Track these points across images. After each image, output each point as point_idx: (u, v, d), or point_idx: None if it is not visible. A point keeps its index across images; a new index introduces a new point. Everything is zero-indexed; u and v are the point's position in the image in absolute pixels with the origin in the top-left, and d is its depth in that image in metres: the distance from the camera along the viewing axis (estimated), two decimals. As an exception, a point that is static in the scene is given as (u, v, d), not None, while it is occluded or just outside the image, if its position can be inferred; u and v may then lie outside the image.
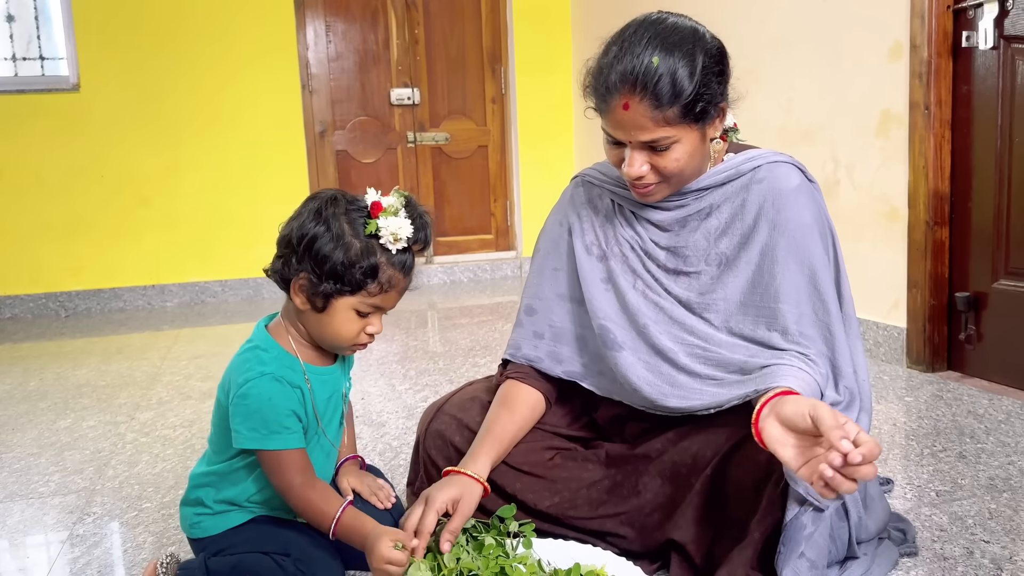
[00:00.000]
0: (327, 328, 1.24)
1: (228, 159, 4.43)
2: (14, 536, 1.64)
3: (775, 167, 1.31)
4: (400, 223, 1.21)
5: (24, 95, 4.15)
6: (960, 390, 2.33)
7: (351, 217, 1.21)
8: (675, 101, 1.17)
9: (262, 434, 1.20)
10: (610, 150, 1.28)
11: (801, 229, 1.27)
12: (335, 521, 1.20)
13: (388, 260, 1.22)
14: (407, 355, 3.05)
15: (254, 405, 1.20)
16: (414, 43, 4.80)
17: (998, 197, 2.33)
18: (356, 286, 1.21)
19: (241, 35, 4.40)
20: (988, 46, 2.30)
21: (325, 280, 1.20)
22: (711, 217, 1.32)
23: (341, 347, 1.28)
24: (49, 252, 4.27)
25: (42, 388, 2.81)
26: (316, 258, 1.19)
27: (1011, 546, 1.40)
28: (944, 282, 2.50)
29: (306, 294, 1.22)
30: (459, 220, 5.04)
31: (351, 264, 1.19)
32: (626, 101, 1.18)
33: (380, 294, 1.23)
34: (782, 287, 1.26)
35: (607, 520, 1.35)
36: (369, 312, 1.24)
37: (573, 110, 5.00)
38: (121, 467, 2.00)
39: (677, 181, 1.28)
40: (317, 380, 1.28)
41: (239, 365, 1.26)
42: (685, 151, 1.22)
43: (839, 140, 2.78)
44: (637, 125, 1.19)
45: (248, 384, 1.21)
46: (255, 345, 1.27)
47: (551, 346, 1.44)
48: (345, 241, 1.19)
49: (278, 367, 1.23)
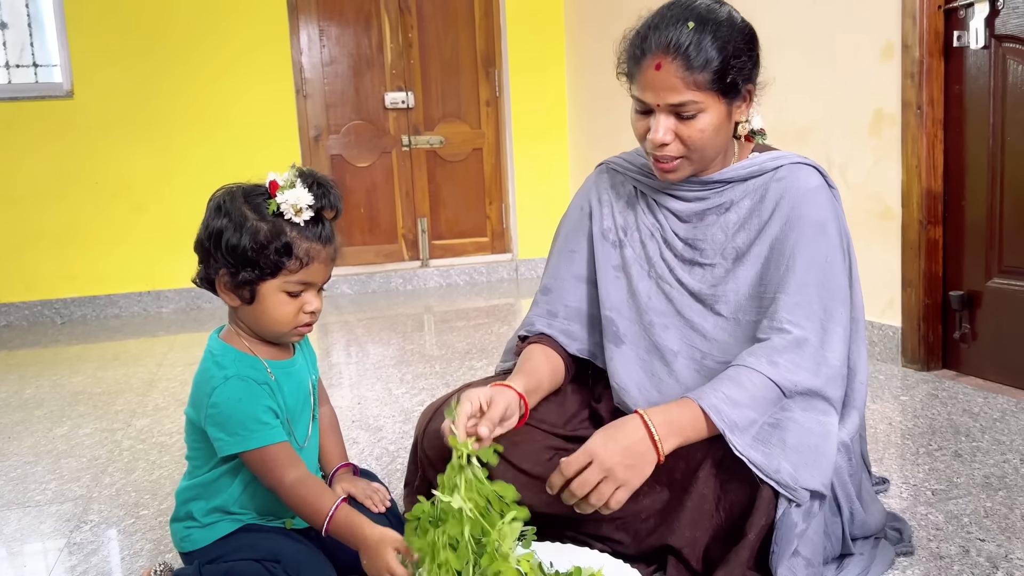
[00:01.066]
0: (263, 317, 1.24)
1: (223, 164, 4.43)
2: (11, 545, 1.64)
3: (797, 168, 1.34)
4: (298, 194, 1.20)
5: (17, 102, 4.15)
6: (955, 388, 2.34)
7: (253, 203, 1.21)
8: (706, 66, 1.22)
9: (242, 436, 1.20)
10: (637, 120, 1.31)
11: (814, 227, 1.28)
12: (328, 518, 1.20)
13: (300, 234, 1.21)
14: (403, 359, 3.05)
15: (227, 410, 1.20)
16: (408, 47, 4.81)
17: (991, 195, 2.34)
18: (274, 267, 1.20)
19: (235, 40, 4.40)
20: (979, 45, 2.31)
21: (243, 269, 1.19)
22: (730, 212, 1.35)
23: (284, 333, 1.27)
24: (44, 259, 4.26)
25: (38, 396, 2.81)
26: (227, 251, 1.19)
27: (1007, 544, 1.41)
28: (938, 281, 2.51)
29: (230, 289, 1.22)
30: (454, 223, 5.04)
31: (262, 247, 1.19)
32: (659, 61, 1.23)
33: (302, 269, 1.22)
34: (785, 279, 1.28)
35: (603, 524, 1.35)
36: (299, 291, 1.23)
37: (567, 112, 5.01)
38: (118, 474, 2.00)
39: (699, 158, 1.30)
40: (281, 373, 1.28)
41: (201, 377, 1.26)
42: (710, 122, 1.26)
43: (832, 140, 2.79)
44: (668, 86, 1.23)
45: (215, 392, 1.21)
46: (210, 353, 1.27)
47: (564, 324, 1.46)
48: (249, 225, 1.19)
49: (240, 367, 1.24)
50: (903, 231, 2.54)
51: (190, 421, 1.29)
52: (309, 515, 1.22)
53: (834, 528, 1.24)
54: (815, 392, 1.24)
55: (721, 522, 1.22)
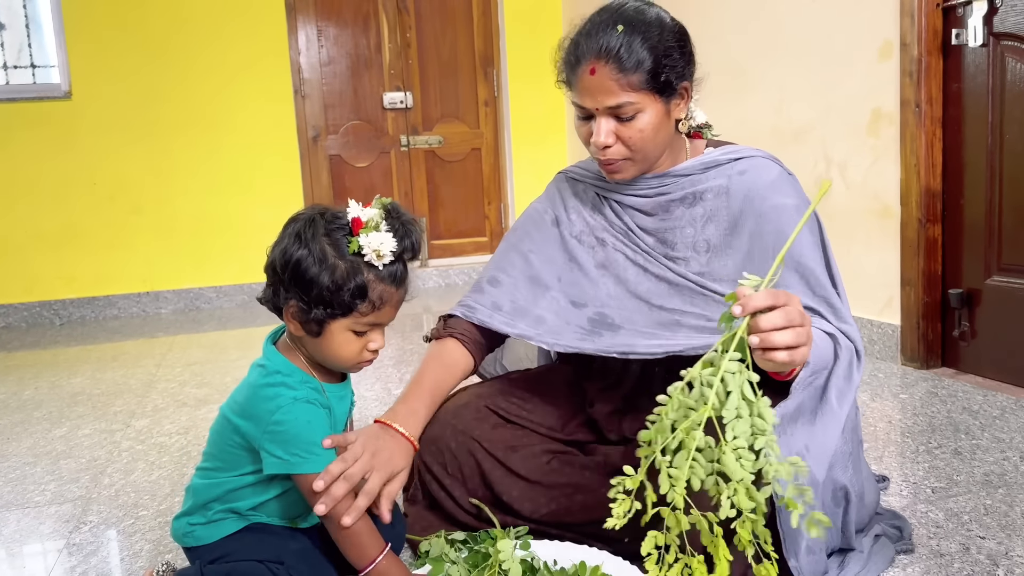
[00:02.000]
0: (327, 351, 1.21)
1: (221, 165, 4.43)
2: (11, 546, 1.64)
3: (754, 160, 1.38)
4: (382, 238, 1.16)
5: (15, 103, 4.14)
6: (954, 386, 2.34)
7: (333, 237, 1.16)
8: (638, 67, 1.27)
9: (302, 459, 1.18)
10: (580, 126, 1.35)
11: (786, 214, 1.31)
12: (372, 564, 1.18)
13: (376, 276, 1.17)
14: (403, 359, 3.05)
15: (293, 430, 1.18)
16: (406, 47, 4.81)
17: (990, 193, 2.34)
18: (347, 308, 1.17)
19: (233, 41, 4.40)
20: (978, 43, 2.31)
21: (315, 307, 1.16)
22: (696, 206, 1.38)
23: (345, 367, 1.25)
24: (42, 260, 4.26)
25: (37, 397, 2.81)
26: (302, 284, 1.15)
27: (1007, 542, 1.41)
28: (937, 279, 2.51)
29: (299, 321, 1.19)
30: (453, 223, 5.04)
31: (338, 288, 1.15)
32: (593, 66, 1.28)
33: (373, 312, 1.19)
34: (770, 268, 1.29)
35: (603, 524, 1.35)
36: (367, 330, 1.21)
37: (566, 112, 5.01)
38: (117, 475, 2.00)
39: (642, 158, 1.34)
40: (333, 398, 1.26)
41: (264, 392, 1.21)
42: (649, 122, 1.30)
43: (831, 139, 2.79)
44: (604, 89, 1.27)
45: (282, 411, 1.18)
46: (275, 370, 1.23)
47: (507, 319, 1.45)
48: (329, 263, 1.15)
49: (307, 390, 1.21)
50: (902, 230, 2.54)
51: (231, 425, 1.24)
52: (352, 552, 1.20)
53: (834, 518, 1.24)
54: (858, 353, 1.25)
55: None
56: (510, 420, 1.45)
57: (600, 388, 1.48)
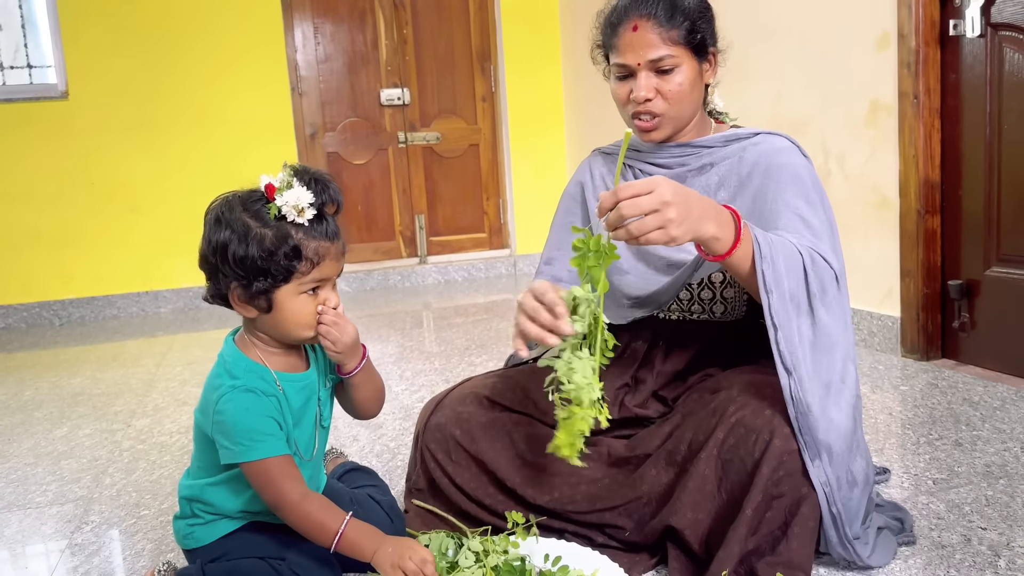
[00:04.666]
0: (284, 323, 1.22)
1: (218, 163, 4.42)
2: (13, 546, 1.64)
3: (772, 136, 1.43)
4: (297, 194, 1.17)
5: (12, 104, 4.13)
6: (955, 378, 2.34)
7: (253, 210, 1.18)
8: (679, 22, 1.36)
9: (245, 446, 1.19)
10: (619, 87, 1.42)
11: (790, 173, 1.35)
12: (338, 536, 1.19)
13: (306, 234, 1.18)
14: (403, 356, 3.05)
15: (232, 418, 1.19)
16: (403, 43, 4.80)
17: (988, 184, 2.34)
18: (287, 272, 1.18)
19: (229, 38, 4.38)
20: (975, 34, 2.31)
21: (255, 280, 1.17)
22: (710, 174, 1.44)
23: (307, 335, 1.24)
24: (40, 261, 4.25)
25: (37, 397, 2.81)
26: (236, 263, 1.16)
27: (1008, 532, 1.41)
28: (936, 270, 2.51)
29: (245, 301, 1.20)
30: (452, 219, 5.04)
31: (270, 254, 1.16)
32: (636, 23, 1.36)
33: (314, 269, 1.19)
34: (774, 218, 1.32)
35: (605, 513, 1.36)
36: (315, 287, 1.22)
37: (564, 106, 5.00)
38: (118, 475, 2.00)
39: (676, 114, 1.41)
40: (291, 387, 1.26)
41: (211, 383, 1.24)
42: (686, 78, 1.38)
43: (829, 130, 2.79)
44: (646, 43, 1.36)
45: (222, 400, 1.20)
46: (223, 359, 1.25)
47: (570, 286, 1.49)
48: (254, 234, 1.16)
49: (249, 378, 1.22)
50: (901, 221, 2.54)
51: (196, 423, 1.27)
52: (314, 533, 1.20)
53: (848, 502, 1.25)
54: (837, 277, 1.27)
55: (723, 504, 1.23)
56: (514, 409, 1.46)
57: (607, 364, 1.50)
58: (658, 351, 1.50)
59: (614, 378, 1.48)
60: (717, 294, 1.45)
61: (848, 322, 1.28)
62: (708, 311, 1.46)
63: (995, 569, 1.29)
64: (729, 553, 1.18)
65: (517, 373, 1.55)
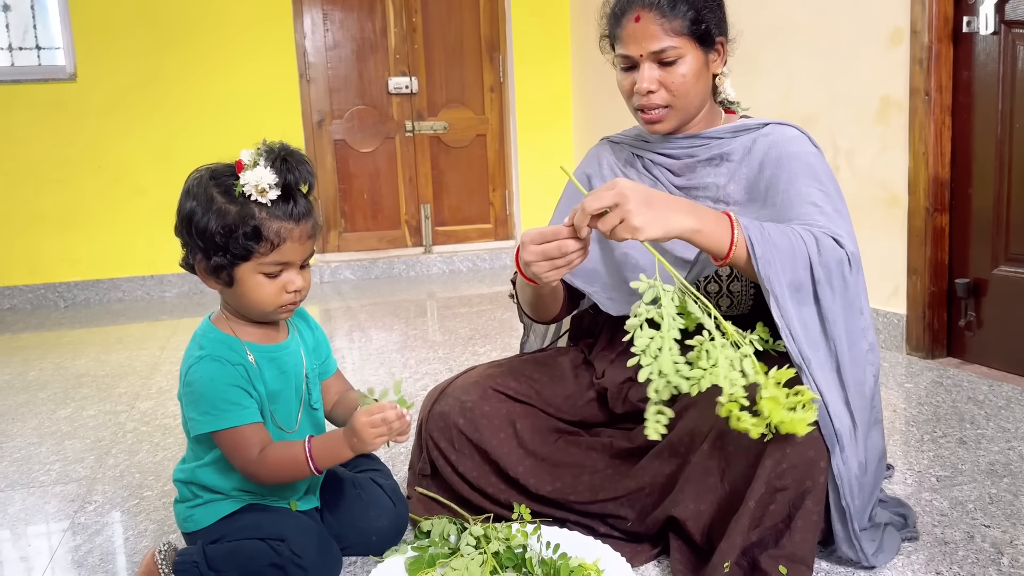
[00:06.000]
0: (243, 300, 1.21)
1: (225, 148, 4.34)
2: (15, 525, 1.64)
3: (782, 127, 1.43)
4: (259, 174, 1.15)
5: (20, 85, 4.13)
6: (960, 376, 2.33)
7: (223, 184, 1.17)
8: (681, 13, 1.33)
9: (213, 416, 1.19)
10: (623, 79, 1.40)
11: (801, 162, 1.35)
12: (308, 455, 1.19)
13: (269, 214, 1.16)
14: (407, 344, 3.05)
15: (197, 388, 1.19)
16: (412, 31, 4.78)
17: (998, 183, 2.32)
18: (245, 251, 1.16)
19: (238, 24, 4.38)
20: (989, 31, 2.29)
21: (214, 254, 1.16)
22: (721, 166, 1.42)
23: (268, 313, 1.23)
24: (47, 243, 4.26)
25: (42, 378, 2.81)
26: (197, 235, 1.17)
27: (1011, 530, 1.41)
28: (944, 268, 2.50)
29: (208, 273, 1.20)
30: (457, 209, 5.03)
31: (230, 231, 1.15)
32: (638, 14, 1.35)
33: (274, 251, 1.17)
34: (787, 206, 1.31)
35: (608, 503, 1.36)
36: (278, 271, 1.19)
37: (571, 98, 4.98)
38: (122, 456, 2.00)
39: (682, 106, 1.39)
40: (264, 357, 1.25)
41: (184, 356, 1.25)
42: (691, 68, 1.36)
43: (838, 126, 2.78)
44: (648, 34, 1.34)
45: (190, 371, 1.20)
46: (195, 335, 1.26)
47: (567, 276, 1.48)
48: (216, 207, 1.16)
49: (215, 348, 1.21)
50: (909, 218, 2.53)
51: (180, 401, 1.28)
52: (288, 471, 1.20)
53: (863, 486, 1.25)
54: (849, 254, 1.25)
55: (725, 494, 1.23)
56: (518, 399, 1.46)
57: (611, 358, 1.50)
58: None
59: (618, 372, 1.48)
60: (723, 287, 1.45)
61: (863, 303, 1.27)
62: (715, 305, 1.45)
63: (998, 567, 1.29)
64: (731, 545, 1.18)
65: (521, 363, 1.55)
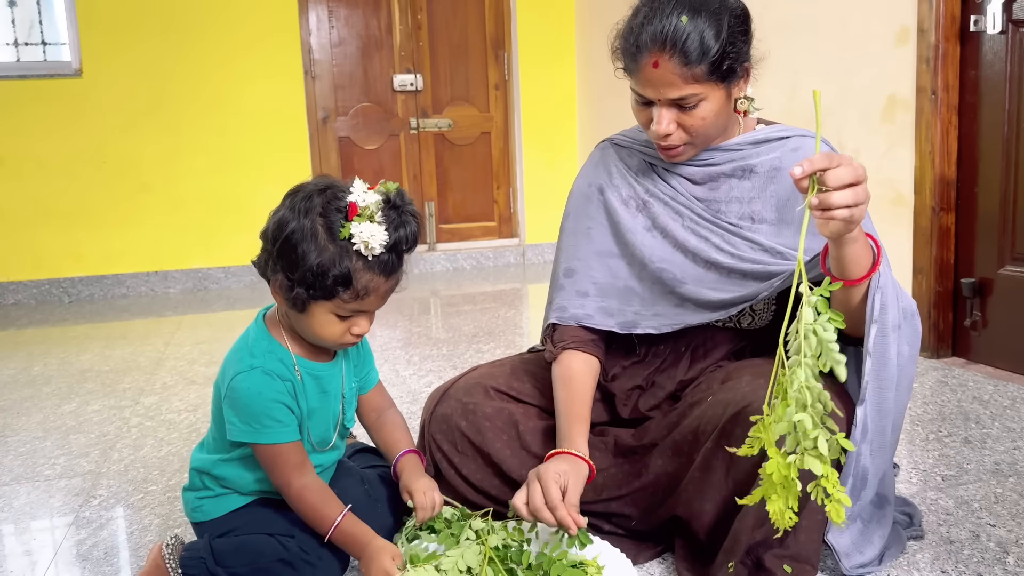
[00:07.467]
0: (308, 328, 1.20)
1: (230, 145, 4.42)
2: (20, 519, 1.65)
3: (806, 139, 1.37)
4: (373, 230, 1.12)
5: (26, 80, 4.14)
6: (965, 376, 2.33)
7: (329, 218, 1.13)
8: (703, 59, 1.22)
9: (254, 428, 1.19)
10: (639, 111, 1.32)
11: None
12: (333, 527, 1.20)
13: (364, 265, 1.14)
14: (410, 341, 3.05)
15: (243, 399, 1.19)
16: (416, 28, 4.78)
17: (1005, 183, 2.32)
18: (329, 293, 1.14)
19: (243, 20, 4.38)
20: (996, 30, 2.29)
21: (298, 286, 1.14)
22: (745, 180, 1.36)
23: (326, 345, 1.24)
24: (51, 238, 4.27)
25: (46, 373, 2.82)
26: (289, 260, 1.14)
27: (1017, 530, 1.40)
28: (949, 268, 2.49)
29: (283, 295, 1.18)
30: (462, 207, 5.03)
31: (323, 272, 1.12)
32: (656, 59, 1.23)
33: (357, 300, 1.16)
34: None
35: (612, 502, 1.36)
36: (350, 315, 1.19)
37: (576, 96, 4.98)
38: (126, 450, 2.00)
39: (702, 141, 1.33)
40: (309, 375, 1.25)
41: (232, 357, 1.24)
42: (711, 109, 1.27)
43: (845, 125, 2.77)
44: (666, 82, 1.24)
45: (238, 377, 1.20)
46: (248, 337, 1.25)
47: (599, 302, 1.42)
48: (318, 244, 1.12)
49: (268, 360, 1.21)
50: (915, 218, 2.53)
51: (215, 393, 1.28)
52: (313, 520, 1.21)
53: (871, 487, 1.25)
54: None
55: (729, 493, 1.22)
56: (521, 400, 1.45)
57: (624, 364, 1.47)
58: (682, 358, 1.45)
59: (628, 379, 1.46)
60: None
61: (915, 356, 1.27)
62: (735, 320, 1.42)
63: (1004, 566, 1.29)
64: (735, 544, 1.17)
65: (524, 363, 1.54)
